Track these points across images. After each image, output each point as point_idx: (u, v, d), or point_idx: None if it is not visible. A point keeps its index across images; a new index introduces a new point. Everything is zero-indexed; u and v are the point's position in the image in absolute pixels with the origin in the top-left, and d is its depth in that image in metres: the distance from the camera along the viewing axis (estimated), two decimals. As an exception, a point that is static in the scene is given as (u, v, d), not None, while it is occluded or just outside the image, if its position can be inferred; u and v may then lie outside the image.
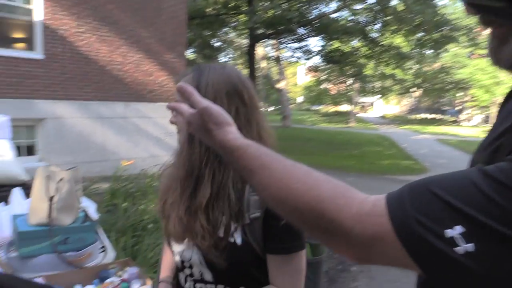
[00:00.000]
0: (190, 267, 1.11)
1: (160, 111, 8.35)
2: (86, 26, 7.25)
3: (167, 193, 1.12)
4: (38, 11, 6.70)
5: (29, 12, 6.69)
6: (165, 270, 1.23)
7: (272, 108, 38.12)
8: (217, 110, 0.75)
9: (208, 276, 1.08)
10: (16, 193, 2.59)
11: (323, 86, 33.13)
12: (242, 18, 16.80)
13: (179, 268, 1.15)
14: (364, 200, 0.56)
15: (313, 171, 0.61)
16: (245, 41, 20.76)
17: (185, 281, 1.13)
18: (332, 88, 34.17)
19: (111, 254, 2.19)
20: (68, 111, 7.06)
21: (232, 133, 0.73)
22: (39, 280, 1.85)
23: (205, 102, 0.76)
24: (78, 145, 7.15)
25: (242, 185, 1.02)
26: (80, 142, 7.19)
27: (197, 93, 0.77)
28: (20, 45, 6.84)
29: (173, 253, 1.15)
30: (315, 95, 38.09)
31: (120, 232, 3.71)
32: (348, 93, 32.83)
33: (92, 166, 6.82)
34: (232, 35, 22.30)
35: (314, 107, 47.08)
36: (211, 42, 20.34)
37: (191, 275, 1.12)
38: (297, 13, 14.90)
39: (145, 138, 8.18)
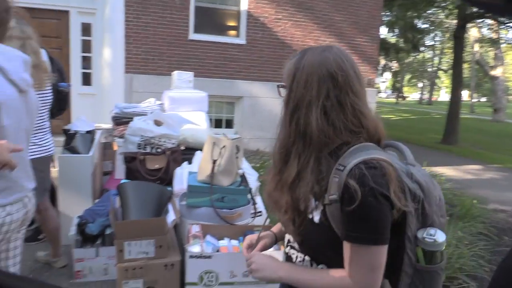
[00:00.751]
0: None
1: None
2: (284, 13, 7.81)
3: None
4: (244, 1, 7.56)
5: (237, 2, 7.62)
6: (278, 225, 1.36)
7: (484, 99, 33.34)
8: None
9: (297, 245, 1.17)
10: (198, 156, 3.11)
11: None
12: (453, -4, 15.09)
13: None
14: None
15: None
16: (454, 22, 18.63)
17: (287, 245, 1.24)
18: None
19: (263, 219, 2.44)
20: (262, 91, 7.82)
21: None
22: (196, 227, 2.23)
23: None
24: (269, 122, 7.87)
25: (328, 168, 1.05)
26: (270, 120, 7.88)
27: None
28: (228, 32, 7.86)
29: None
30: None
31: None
32: None
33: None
34: (441, 16, 20.29)
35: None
36: (415, 24, 18.99)
37: (289, 240, 1.22)
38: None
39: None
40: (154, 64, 7.19)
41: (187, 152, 3.41)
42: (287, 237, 1.23)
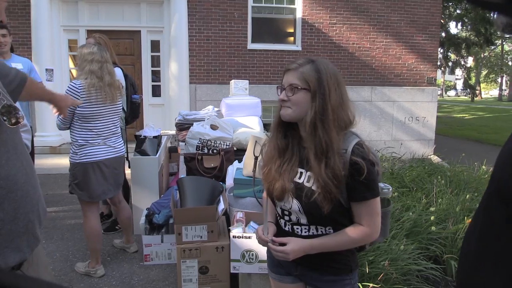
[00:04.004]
0: (289, 214, 1.50)
1: (406, 95, 8.36)
2: (338, 17, 8.00)
3: (270, 161, 1.52)
4: (299, 9, 7.88)
5: (292, 10, 7.96)
6: (270, 216, 1.63)
7: None
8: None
9: (303, 220, 1.46)
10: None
11: None
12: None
13: (280, 215, 1.55)
14: None
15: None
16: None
17: (285, 225, 1.53)
18: None
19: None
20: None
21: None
22: (241, 213, 2.58)
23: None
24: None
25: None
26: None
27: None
28: (284, 39, 8.21)
29: (275, 205, 1.56)
30: None
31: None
32: None
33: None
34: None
35: None
36: (487, 16, 17.94)
37: (290, 220, 1.51)
38: None
39: (388, 121, 8.39)
40: (215, 74, 7.74)
41: (240, 152, 3.79)
42: (287, 218, 1.51)
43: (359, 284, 2.37)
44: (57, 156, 6.80)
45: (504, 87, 40.81)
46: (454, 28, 19.37)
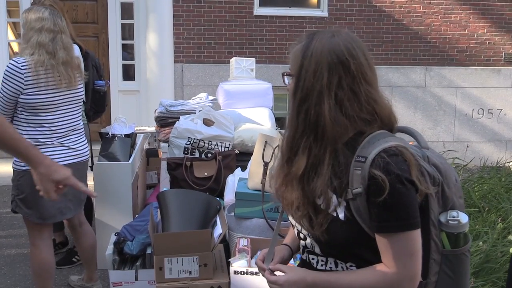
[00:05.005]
0: (304, 238, 1.53)
1: (474, 78, 8.34)
2: (380, -30, 8.01)
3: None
4: (326, -40, 7.90)
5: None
6: (288, 237, 1.70)
7: None
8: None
9: (317, 249, 1.49)
10: (254, 160, 3.50)
11: None
12: None
13: (299, 238, 1.59)
14: None
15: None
16: None
17: (303, 252, 1.58)
18: None
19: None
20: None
21: None
22: (245, 240, 2.63)
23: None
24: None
25: (346, 160, 1.38)
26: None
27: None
28: (305, 2, 8.22)
29: (293, 226, 1.60)
30: None
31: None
32: None
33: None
34: None
35: None
36: None
37: (306, 246, 1.54)
38: None
39: (449, 115, 8.37)
40: (210, 49, 7.78)
41: (244, 157, 3.82)
42: (303, 243, 1.56)
43: None
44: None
45: None
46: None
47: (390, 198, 1.29)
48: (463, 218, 1.42)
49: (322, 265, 1.50)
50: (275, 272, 1.50)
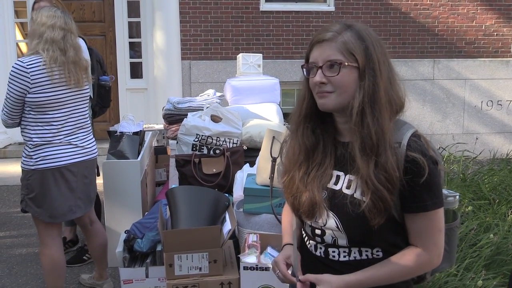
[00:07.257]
0: (322, 234, 1.52)
1: (483, 70, 8.28)
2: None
3: (293, 167, 1.55)
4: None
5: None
6: (288, 237, 1.67)
7: None
8: None
9: (342, 240, 1.49)
10: (263, 156, 3.50)
11: None
12: None
13: (310, 236, 1.58)
14: None
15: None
16: None
17: (315, 249, 1.56)
18: None
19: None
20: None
21: None
22: (254, 236, 2.62)
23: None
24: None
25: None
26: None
27: None
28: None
29: (304, 224, 1.60)
30: None
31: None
32: None
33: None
34: None
35: None
36: None
37: (322, 241, 1.53)
38: None
39: (458, 107, 8.32)
40: (217, 46, 7.78)
41: (252, 153, 3.81)
42: (318, 239, 1.55)
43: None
44: (1, 161, 6.91)
45: None
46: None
47: (428, 178, 1.36)
48: (456, 194, 1.59)
49: (345, 256, 1.50)
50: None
